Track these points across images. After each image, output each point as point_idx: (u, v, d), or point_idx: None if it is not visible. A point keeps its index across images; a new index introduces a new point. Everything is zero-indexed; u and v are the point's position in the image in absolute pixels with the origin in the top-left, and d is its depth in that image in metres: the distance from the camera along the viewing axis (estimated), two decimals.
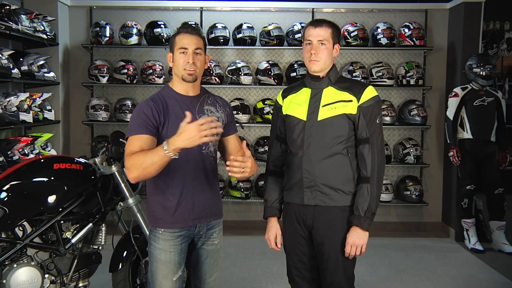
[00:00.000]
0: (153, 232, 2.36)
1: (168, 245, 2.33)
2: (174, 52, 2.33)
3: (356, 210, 2.34)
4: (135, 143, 2.19)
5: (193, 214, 2.35)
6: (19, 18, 4.21)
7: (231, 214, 5.56)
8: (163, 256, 2.33)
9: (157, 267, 2.35)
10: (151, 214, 2.38)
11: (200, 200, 2.36)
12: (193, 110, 2.30)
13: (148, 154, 2.10)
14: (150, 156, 2.09)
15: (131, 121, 2.28)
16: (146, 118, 2.23)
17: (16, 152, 4.03)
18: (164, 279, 2.34)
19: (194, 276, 2.51)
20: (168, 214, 2.31)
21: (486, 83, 4.94)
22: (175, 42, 2.33)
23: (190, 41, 2.30)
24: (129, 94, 5.60)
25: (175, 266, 2.35)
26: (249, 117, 5.35)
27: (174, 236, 2.33)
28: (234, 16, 5.51)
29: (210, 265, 2.48)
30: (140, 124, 2.22)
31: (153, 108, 2.25)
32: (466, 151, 4.95)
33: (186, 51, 2.29)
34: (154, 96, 2.33)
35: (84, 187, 2.89)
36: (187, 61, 2.28)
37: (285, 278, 2.61)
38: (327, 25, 2.39)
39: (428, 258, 4.74)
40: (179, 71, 2.31)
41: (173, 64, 2.34)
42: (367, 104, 2.35)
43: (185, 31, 2.33)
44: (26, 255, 2.78)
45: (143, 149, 2.16)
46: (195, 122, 2.02)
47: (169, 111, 2.28)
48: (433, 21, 5.55)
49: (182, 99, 2.34)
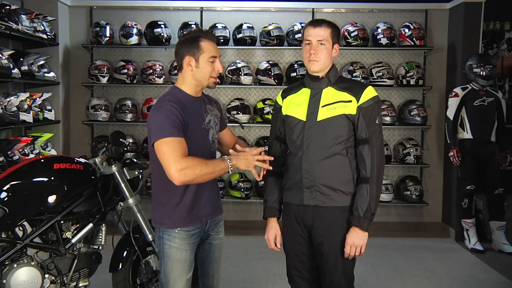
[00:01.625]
0: (168, 232, 2.38)
1: (184, 244, 2.39)
2: (199, 58, 2.32)
3: (356, 210, 2.34)
4: (179, 146, 2.19)
5: (206, 211, 2.44)
6: (19, 18, 4.21)
7: (231, 214, 5.56)
8: (180, 255, 2.38)
9: (172, 267, 2.38)
10: (166, 215, 2.38)
11: (211, 196, 2.47)
12: (202, 110, 2.42)
13: (210, 164, 2.19)
14: (212, 167, 2.19)
15: (159, 123, 2.22)
16: (178, 120, 2.24)
17: (16, 152, 4.03)
18: (179, 277, 2.39)
19: (203, 272, 2.57)
20: (185, 213, 2.37)
21: (486, 83, 4.93)
22: (201, 48, 2.31)
23: (217, 49, 2.38)
24: (129, 94, 5.60)
25: (190, 265, 2.43)
26: (249, 117, 5.35)
27: (189, 235, 2.39)
28: (234, 16, 5.52)
29: (217, 259, 2.57)
30: (173, 126, 2.22)
31: (179, 111, 2.26)
32: (466, 151, 4.95)
33: (215, 60, 2.34)
34: (171, 98, 2.31)
35: (84, 187, 2.90)
36: (217, 69, 2.36)
37: (285, 278, 2.61)
38: (327, 25, 2.39)
39: (428, 258, 4.74)
40: (205, 78, 2.35)
41: (196, 70, 2.33)
42: (366, 105, 2.34)
43: (210, 38, 2.37)
44: (26, 255, 2.78)
45: (186, 152, 2.19)
46: (255, 155, 2.26)
47: (188, 113, 2.31)
48: (433, 21, 5.55)
49: (193, 100, 2.40)
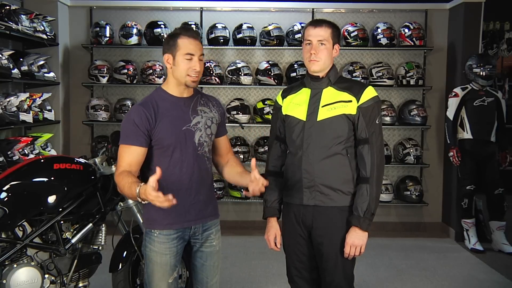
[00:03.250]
0: (148, 234, 2.35)
1: (164, 248, 2.32)
2: (175, 56, 2.27)
3: (356, 210, 2.34)
4: (124, 157, 2.24)
5: (189, 215, 2.34)
6: (19, 18, 4.21)
7: (231, 214, 5.56)
8: (159, 258, 2.33)
9: (153, 269, 2.35)
10: (146, 216, 2.38)
11: (196, 201, 2.35)
12: (186, 111, 2.32)
13: (126, 186, 2.15)
14: (127, 188, 2.14)
15: (122, 127, 2.28)
16: (136, 127, 2.22)
17: (16, 152, 4.02)
18: (160, 281, 2.34)
19: (196, 279, 2.50)
20: (163, 216, 2.29)
21: (486, 83, 4.93)
22: (178, 45, 2.26)
23: (196, 47, 2.27)
24: (129, 94, 5.60)
25: (171, 269, 2.35)
26: (249, 117, 5.35)
27: (169, 239, 2.32)
28: (234, 16, 5.51)
29: (211, 267, 2.46)
30: (129, 134, 2.23)
31: (142, 115, 2.23)
32: (466, 151, 4.95)
33: (192, 57, 2.26)
34: (145, 100, 2.31)
35: (84, 187, 2.89)
36: (194, 68, 2.26)
37: (285, 278, 2.61)
38: (327, 25, 2.39)
39: (428, 258, 4.73)
40: (182, 76, 2.27)
41: (174, 68, 2.29)
42: (366, 105, 2.35)
43: (189, 35, 2.28)
44: (26, 255, 2.78)
45: (131, 164, 2.23)
46: (154, 194, 1.96)
47: (161, 114, 2.27)
48: (433, 21, 5.55)
49: (175, 100, 2.33)
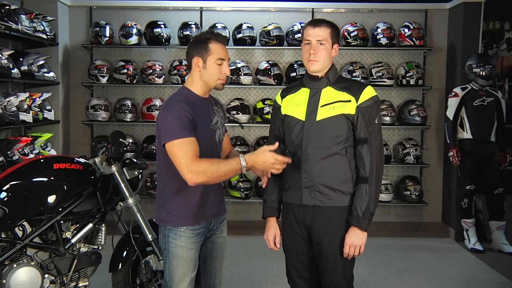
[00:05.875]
0: (174, 230, 2.42)
1: (190, 242, 2.42)
2: (206, 60, 2.36)
3: (355, 210, 2.34)
4: (191, 147, 2.23)
5: (212, 210, 2.48)
6: (19, 18, 4.21)
7: (231, 214, 5.55)
8: (185, 253, 2.41)
9: (177, 265, 2.42)
10: (174, 214, 2.41)
11: (216, 196, 2.50)
12: (209, 111, 2.45)
13: (222, 165, 2.20)
14: (224, 168, 2.19)
15: (170, 124, 2.26)
16: (189, 121, 2.27)
17: (16, 152, 4.03)
18: (184, 276, 2.43)
19: (205, 271, 2.60)
20: (193, 212, 2.40)
21: (486, 83, 4.93)
22: (210, 50, 2.36)
23: (226, 52, 2.43)
24: (129, 94, 5.60)
25: (195, 263, 2.46)
26: (249, 117, 5.36)
27: (195, 234, 2.43)
28: (234, 16, 5.52)
29: (220, 258, 2.61)
30: (185, 126, 2.25)
31: (188, 111, 2.29)
32: (466, 151, 4.95)
33: (223, 62, 2.38)
34: (181, 98, 2.34)
35: (84, 187, 2.89)
36: (225, 72, 2.40)
37: (285, 278, 2.61)
38: (326, 25, 2.39)
39: (428, 258, 4.74)
40: (212, 80, 2.39)
41: (203, 71, 2.37)
42: (365, 104, 2.34)
43: (219, 40, 2.41)
44: (26, 255, 2.77)
45: (197, 153, 2.22)
46: (276, 156, 2.20)
47: (197, 113, 2.34)
48: (433, 21, 5.55)
49: (202, 101, 2.43)
